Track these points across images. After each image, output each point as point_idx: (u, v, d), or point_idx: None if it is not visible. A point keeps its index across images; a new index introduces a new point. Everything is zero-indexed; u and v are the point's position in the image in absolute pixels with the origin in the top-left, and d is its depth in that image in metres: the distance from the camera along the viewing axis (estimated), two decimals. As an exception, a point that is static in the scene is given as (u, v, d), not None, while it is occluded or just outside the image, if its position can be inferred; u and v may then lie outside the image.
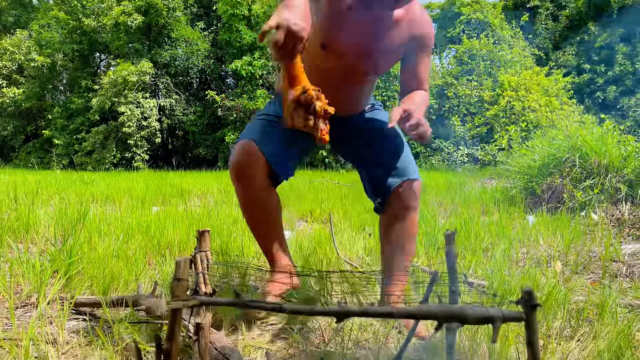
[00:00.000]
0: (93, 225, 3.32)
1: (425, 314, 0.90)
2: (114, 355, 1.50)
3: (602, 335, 1.61)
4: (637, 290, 2.24)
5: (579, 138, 5.19)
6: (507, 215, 4.28)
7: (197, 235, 1.28)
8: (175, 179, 8.89)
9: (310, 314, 0.93)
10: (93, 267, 2.33)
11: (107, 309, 1.89)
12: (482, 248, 2.94)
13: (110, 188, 6.80)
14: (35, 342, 1.60)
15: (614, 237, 3.37)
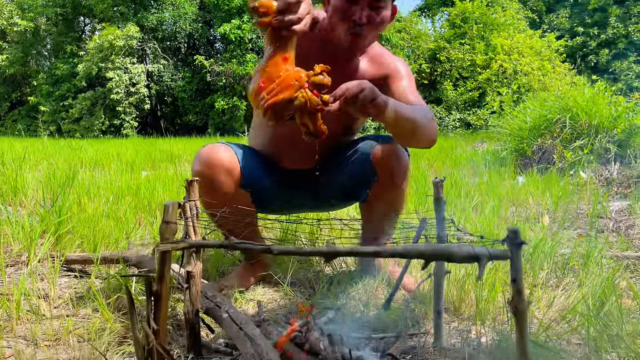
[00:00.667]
0: (82, 188, 3.30)
1: (412, 253, 0.91)
2: (105, 308, 1.51)
3: (586, 284, 1.65)
4: (622, 243, 2.27)
5: (570, 99, 5.19)
6: (497, 176, 4.31)
7: (185, 185, 1.27)
8: (164, 145, 8.82)
9: (299, 254, 0.93)
10: (83, 226, 2.33)
11: (98, 266, 1.90)
12: (471, 206, 2.96)
13: (99, 154, 6.73)
14: (26, 297, 1.61)
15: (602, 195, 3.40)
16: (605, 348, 1.23)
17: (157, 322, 0.93)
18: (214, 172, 1.68)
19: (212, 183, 1.67)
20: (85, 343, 1.33)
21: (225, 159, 1.69)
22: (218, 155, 1.69)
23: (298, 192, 1.88)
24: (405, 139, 1.60)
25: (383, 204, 1.76)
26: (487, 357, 1.25)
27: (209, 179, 1.67)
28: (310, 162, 1.81)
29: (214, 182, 1.67)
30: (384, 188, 1.73)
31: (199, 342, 1.31)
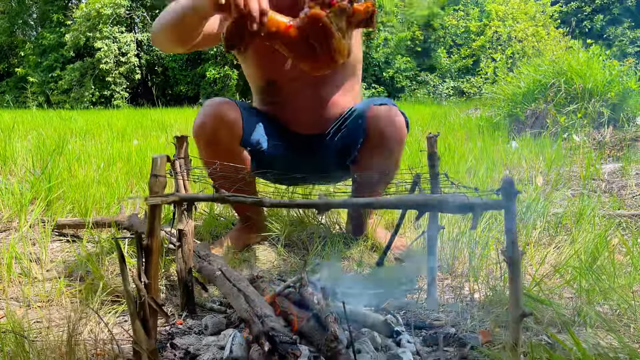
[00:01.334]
0: (72, 155, 3.26)
1: (407, 203, 0.89)
2: (98, 269, 1.50)
3: (579, 240, 1.65)
4: (615, 203, 2.28)
5: (565, 63, 5.14)
6: (491, 141, 4.29)
7: (174, 142, 1.25)
8: (155, 115, 8.71)
9: (292, 206, 0.92)
10: (74, 192, 2.30)
11: (90, 230, 1.88)
12: (465, 169, 2.95)
13: (89, 124, 6.65)
14: (18, 260, 1.59)
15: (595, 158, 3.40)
16: (598, 300, 1.24)
17: (148, 276, 0.92)
18: (216, 125, 1.64)
19: (213, 136, 1.64)
20: (78, 303, 1.32)
21: (228, 113, 1.66)
22: (221, 109, 1.65)
23: (299, 158, 1.83)
24: None
25: (372, 167, 1.67)
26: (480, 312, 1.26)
27: (210, 131, 1.64)
28: (314, 126, 1.78)
29: (214, 136, 1.64)
30: (372, 149, 1.66)
31: (192, 301, 1.31)
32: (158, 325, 1.23)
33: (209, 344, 1.11)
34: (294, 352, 0.90)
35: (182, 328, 1.22)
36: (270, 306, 1.08)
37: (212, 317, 1.20)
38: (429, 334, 1.17)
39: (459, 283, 1.47)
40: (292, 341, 0.93)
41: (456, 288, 1.44)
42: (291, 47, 1.26)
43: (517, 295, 0.93)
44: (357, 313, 1.08)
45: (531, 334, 1.13)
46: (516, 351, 0.92)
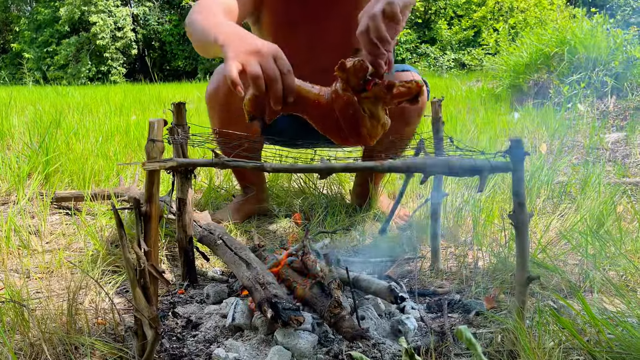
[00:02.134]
0: (69, 129, 3.22)
1: (412, 167, 0.87)
2: (97, 240, 1.48)
3: (584, 207, 1.63)
4: (619, 170, 2.26)
5: (569, 31, 5.05)
6: (493, 112, 4.25)
7: (172, 109, 1.21)
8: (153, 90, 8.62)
9: (293, 171, 0.89)
10: (72, 164, 2.27)
11: (89, 202, 1.86)
12: (467, 140, 2.92)
13: (86, 99, 6.58)
14: (17, 232, 1.58)
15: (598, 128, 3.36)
16: (604, 265, 1.22)
17: (148, 243, 0.90)
18: (229, 90, 1.57)
19: (226, 101, 1.57)
20: (78, 273, 1.31)
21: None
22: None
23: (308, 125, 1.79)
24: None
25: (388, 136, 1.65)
26: (484, 279, 1.25)
27: (223, 96, 1.59)
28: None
29: (227, 101, 1.57)
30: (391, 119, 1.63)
31: (193, 270, 1.30)
32: (160, 295, 1.22)
33: (211, 312, 1.10)
34: (297, 318, 0.89)
35: (183, 297, 1.21)
36: (272, 274, 1.06)
37: (214, 286, 1.19)
38: (433, 301, 1.16)
39: (463, 251, 1.45)
40: (295, 307, 0.91)
41: (460, 256, 1.43)
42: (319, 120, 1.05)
43: (524, 258, 0.92)
44: (360, 279, 1.07)
45: (537, 300, 1.12)
46: (522, 315, 0.91)
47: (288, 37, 1.55)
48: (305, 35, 1.58)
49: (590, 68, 4.68)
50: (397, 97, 0.96)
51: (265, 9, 1.57)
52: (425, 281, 1.29)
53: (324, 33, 1.58)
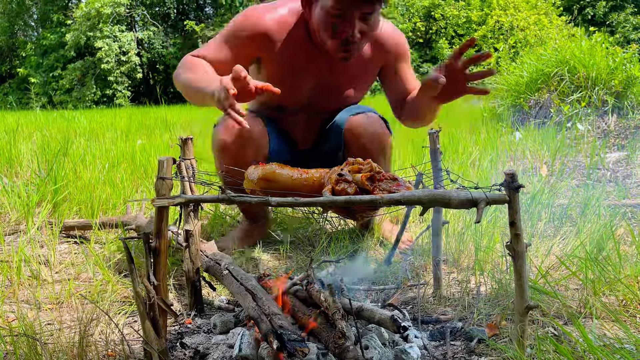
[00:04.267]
0: (77, 156, 3.27)
1: (411, 200, 0.90)
2: (106, 270, 1.51)
3: (584, 231, 1.65)
4: (620, 192, 2.28)
5: (568, 51, 5.11)
6: (495, 132, 4.28)
7: (180, 143, 1.26)
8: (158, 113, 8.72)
9: (297, 205, 0.92)
10: (80, 193, 2.32)
11: (97, 230, 1.90)
12: (469, 161, 2.95)
13: (92, 123, 6.67)
14: (27, 263, 1.61)
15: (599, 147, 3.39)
16: (604, 291, 1.24)
17: (157, 277, 0.93)
18: (242, 145, 1.57)
19: (237, 155, 1.57)
20: (88, 304, 1.34)
21: (256, 132, 1.59)
22: (250, 130, 1.54)
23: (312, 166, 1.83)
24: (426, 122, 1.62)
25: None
26: (487, 305, 1.27)
27: (234, 150, 1.57)
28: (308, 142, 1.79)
29: (239, 155, 1.56)
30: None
31: (200, 300, 1.32)
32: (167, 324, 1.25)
33: (218, 342, 1.13)
34: (302, 349, 0.91)
35: (191, 327, 1.24)
36: (277, 304, 1.09)
37: (221, 316, 1.21)
38: (435, 328, 1.18)
39: (465, 276, 1.47)
40: (300, 339, 0.94)
41: (462, 281, 1.45)
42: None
43: (523, 288, 0.94)
44: (364, 309, 1.09)
45: (537, 326, 1.14)
46: (523, 344, 0.93)
47: (293, 84, 1.60)
48: (310, 82, 1.62)
49: (590, 87, 4.73)
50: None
51: (266, 61, 1.59)
52: (428, 308, 1.31)
53: (327, 80, 1.62)
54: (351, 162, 1.05)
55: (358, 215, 1.05)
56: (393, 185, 1.01)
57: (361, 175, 1.00)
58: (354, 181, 0.99)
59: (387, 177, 1.03)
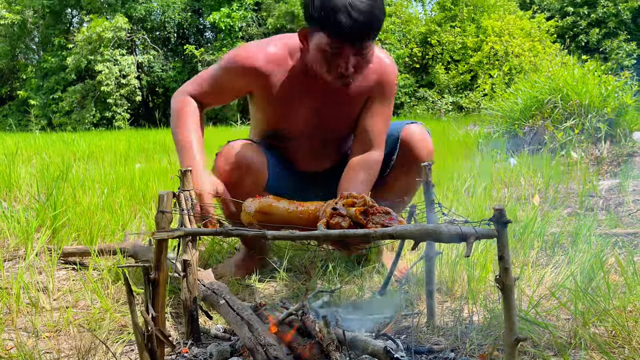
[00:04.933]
0: (76, 181, 3.30)
1: (402, 234, 0.93)
2: (104, 298, 1.53)
3: (575, 261, 1.68)
4: (612, 220, 2.31)
5: (561, 79, 5.21)
6: (490, 158, 4.34)
7: (179, 175, 1.29)
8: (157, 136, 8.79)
9: (292, 238, 0.95)
10: (79, 219, 2.34)
11: (96, 257, 1.92)
12: (464, 188, 2.99)
13: (91, 146, 6.71)
14: (26, 290, 1.63)
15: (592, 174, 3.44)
16: (593, 322, 1.27)
17: (156, 308, 0.96)
18: (242, 174, 1.63)
19: (237, 184, 1.62)
20: (86, 332, 1.35)
21: (255, 162, 1.65)
22: (248, 157, 1.63)
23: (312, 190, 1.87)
24: None
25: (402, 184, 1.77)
26: (479, 335, 1.29)
27: (234, 179, 1.62)
28: (327, 164, 1.83)
29: (238, 184, 1.62)
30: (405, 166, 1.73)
31: (197, 329, 1.34)
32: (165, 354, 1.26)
33: (214, 372, 1.14)
34: (297, 380, 0.93)
35: (187, 356, 1.25)
36: (273, 335, 1.11)
37: (217, 345, 1.23)
38: (429, 358, 1.20)
39: (458, 305, 1.50)
40: (295, 370, 0.96)
41: (455, 311, 1.47)
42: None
43: (512, 321, 0.97)
44: (357, 340, 1.11)
45: (528, 358, 1.16)
46: (512, 376, 0.95)
47: (289, 115, 1.66)
48: (305, 112, 1.67)
49: (583, 114, 4.81)
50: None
51: (259, 95, 1.65)
52: (421, 338, 1.33)
53: (323, 108, 1.67)
54: (345, 196, 1.08)
55: (352, 248, 1.08)
56: (386, 219, 1.04)
57: (355, 209, 1.03)
58: (348, 215, 1.03)
59: (380, 210, 1.06)
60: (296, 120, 1.69)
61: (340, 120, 1.71)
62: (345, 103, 1.66)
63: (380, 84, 1.64)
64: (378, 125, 1.66)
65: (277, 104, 1.64)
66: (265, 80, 1.60)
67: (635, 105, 4.93)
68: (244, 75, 1.60)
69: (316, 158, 1.81)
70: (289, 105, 1.65)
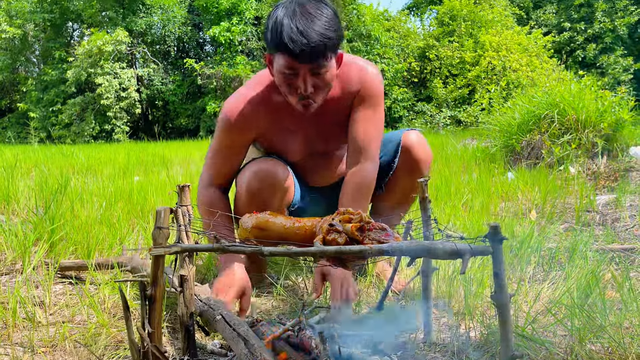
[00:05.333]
0: (75, 194, 3.30)
1: (397, 250, 0.94)
2: (100, 313, 1.53)
3: (572, 276, 1.69)
4: (608, 236, 2.32)
5: (558, 94, 5.25)
6: (487, 172, 4.36)
7: (177, 190, 1.30)
8: (156, 149, 8.82)
9: (289, 255, 0.96)
10: (77, 232, 2.34)
11: (93, 271, 1.91)
12: (461, 203, 3.00)
13: (90, 159, 6.72)
14: (22, 304, 1.62)
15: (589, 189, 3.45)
16: (590, 338, 1.27)
17: (152, 324, 0.96)
18: (271, 192, 1.63)
19: (264, 201, 1.62)
20: (82, 348, 1.35)
21: (283, 180, 1.65)
22: (278, 176, 1.64)
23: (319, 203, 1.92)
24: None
25: (403, 190, 1.81)
26: (476, 352, 1.29)
27: (262, 197, 1.62)
28: (335, 177, 1.87)
29: (266, 201, 1.62)
30: (406, 172, 1.79)
31: (193, 344, 1.33)
32: (160, 369, 1.26)
33: (210, 388, 1.14)
34: (292, 397, 0.93)
35: (183, 372, 1.25)
36: (269, 351, 1.11)
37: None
38: (425, 375, 1.19)
39: (455, 321, 1.50)
40: (291, 386, 0.96)
41: (452, 327, 1.47)
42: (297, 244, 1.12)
43: (507, 338, 0.97)
44: (354, 357, 1.11)
45: (525, 374, 1.15)
46: (508, 393, 0.95)
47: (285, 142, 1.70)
48: (300, 135, 1.70)
49: (580, 129, 4.84)
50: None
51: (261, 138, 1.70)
52: (418, 354, 1.32)
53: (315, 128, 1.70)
54: (342, 212, 1.09)
55: (348, 264, 1.08)
56: (382, 235, 1.05)
57: (351, 226, 1.04)
58: (344, 231, 1.03)
59: (376, 227, 1.07)
60: (294, 148, 1.72)
61: (336, 136, 1.73)
62: (336, 119, 1.68)
63: (364, 92, 1.65)
64: (367, 133, 1.64)
65: (273, 139, 1.69)
66: (259, 125, 1.64)
67: (632, 121, 4.97)
68: (242, 130, 1.63)
69: (323, 173, 1.85)
70: (285, 136, 1.69)
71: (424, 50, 17.51)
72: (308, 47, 1.38)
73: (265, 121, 1.63)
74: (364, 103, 1.65)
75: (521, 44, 15.73)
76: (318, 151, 1.76)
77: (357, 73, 1.64)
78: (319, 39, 1.39)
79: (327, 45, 1.41)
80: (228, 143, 1.65)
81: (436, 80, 16.48)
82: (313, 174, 1.84)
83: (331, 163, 1.84)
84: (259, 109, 1.62)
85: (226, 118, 1.62)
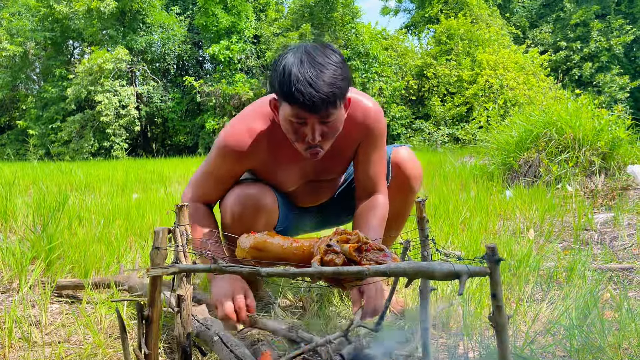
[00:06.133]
0: (73, 212, 3.30)
1: (395, 271, 0.94)
2: (97, 333, 1.52)
3: (570, 296, 1.68)
4: (606, 255, 2.32)
5: (555, 113, 5.28)
6: (485, 190, 4.37)
7: (175, 210, 1.30)
8: (155, 166, 8.83)
9: (286, 276, 0.96)
10: (74, 251, 2.33)
11: (90, 291, 1.91)
12: (459, 221, 3.00)
13: (89, 177, 6.72)
14: (18, 324, 1.61)
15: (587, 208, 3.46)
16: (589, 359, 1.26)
17: (149, 346, 0.95)
18: (255, 217, 1.62)
19: (248, 225, 1.59)
20: (77, 369, 1.34)
21: (268, 205, 1.64)
22: (262, 201, 1.62)
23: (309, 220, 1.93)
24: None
25: (394, 207, 1.77)
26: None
27: (246, 221, 1.61)
28: (324, 199, 1.87)
29: (250, 226, 1.59)
30: (397, 188, 1.78)
31: (190, 365, 1.33)
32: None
33: (207, 410, 1.13)
34: (289, 420, 0.93)
35: (180, 394, 1.24)
36: (266, 372, 1.10)
37: (210, 383, 1.22)
38: (423, 397, 1.18)
39: (454, 342, 1.49)
40: (288, 409, 0.95)
41: (450, 347, 1.46)
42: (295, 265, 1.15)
43: (506, 358, 0.96)
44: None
45: (524, 396, 1.15)
46: (507, 416, 0.95)
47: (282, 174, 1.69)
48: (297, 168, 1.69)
49: (577, 148, 4.86)
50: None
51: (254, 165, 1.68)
52: (416, 375, 1.31)
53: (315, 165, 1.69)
54: (339, 232, 1.09)
55: (346, 285, 1.09)
56: (380, 256, 1.05)
57: (349, 246, 1.04)
58: (342, 252, 1.04)
59: (374, 247, 1.07)
60: (289, 180, 1.72)
61: (333, 169, 1.75)
62: (336, 155, 1.68)
63: (368, 130, 1.64)
64: (377, 170, 1.69)
65: (270, 171, 1.67)
66: (258, 157, 1.62)
67: (629, 139, 5.00)
68: (239, 159, 1.61)
69: (312, 197, 1.84)
70: (282, 169, 1.68)
71: (421, 69, 17.67)
72: (318, 99, 1.36)
73: (265, 155, 1.62)
74: (370, 145, 1.67)
75: (518, 63, 15.89)
76: (311, 181, 1.76)
77: (361, 113, 1.63)
78: (329, 89, 1.36)
79: (337, 94, 1.39)
80: (222, 171, 1.63)
81: (434, 98, 16.59)
82: (303, 197, 1.84)
83: (322, 188, 1.83)
84: (260, 144, 1.60)
85: (226, 146, 1.60)
